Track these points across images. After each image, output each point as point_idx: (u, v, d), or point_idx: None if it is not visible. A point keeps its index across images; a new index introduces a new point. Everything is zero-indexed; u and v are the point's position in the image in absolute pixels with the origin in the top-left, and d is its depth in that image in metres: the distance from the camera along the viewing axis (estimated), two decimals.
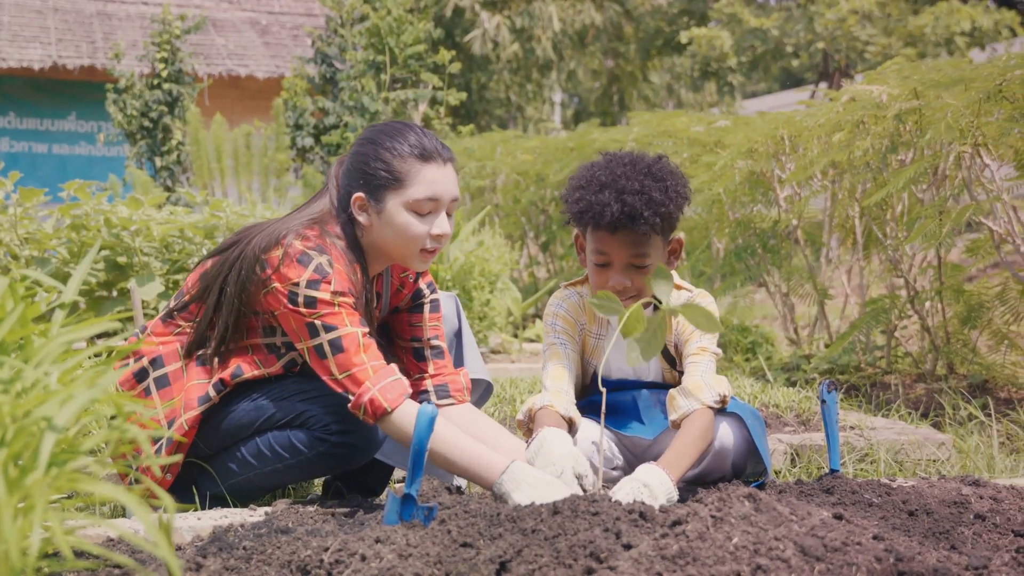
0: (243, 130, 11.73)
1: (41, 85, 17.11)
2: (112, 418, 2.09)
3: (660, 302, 2.33)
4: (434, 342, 2.98)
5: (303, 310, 2.56)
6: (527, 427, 2.88)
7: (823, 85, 19.03)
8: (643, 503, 2.13)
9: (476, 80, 19.94)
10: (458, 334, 3.22)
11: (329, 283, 2.57)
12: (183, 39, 10.78)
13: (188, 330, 2.76)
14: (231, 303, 2.67)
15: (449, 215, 2.72)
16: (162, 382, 2.72)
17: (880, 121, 4.70)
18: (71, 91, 17.27)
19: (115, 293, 5.44)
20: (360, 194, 2.68)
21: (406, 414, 2.53)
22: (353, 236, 2.72)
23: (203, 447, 2.72)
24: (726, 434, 2.84)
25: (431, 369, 2.96)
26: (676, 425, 2.74)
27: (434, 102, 8.65)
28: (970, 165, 4.42)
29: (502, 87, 20.76)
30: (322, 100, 9.60)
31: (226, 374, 2.68)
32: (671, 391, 2.80)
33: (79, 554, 2.04)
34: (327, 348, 2.56)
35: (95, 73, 16.35)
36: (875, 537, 1.98)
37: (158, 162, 10.58)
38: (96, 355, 2.82)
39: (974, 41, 17.57)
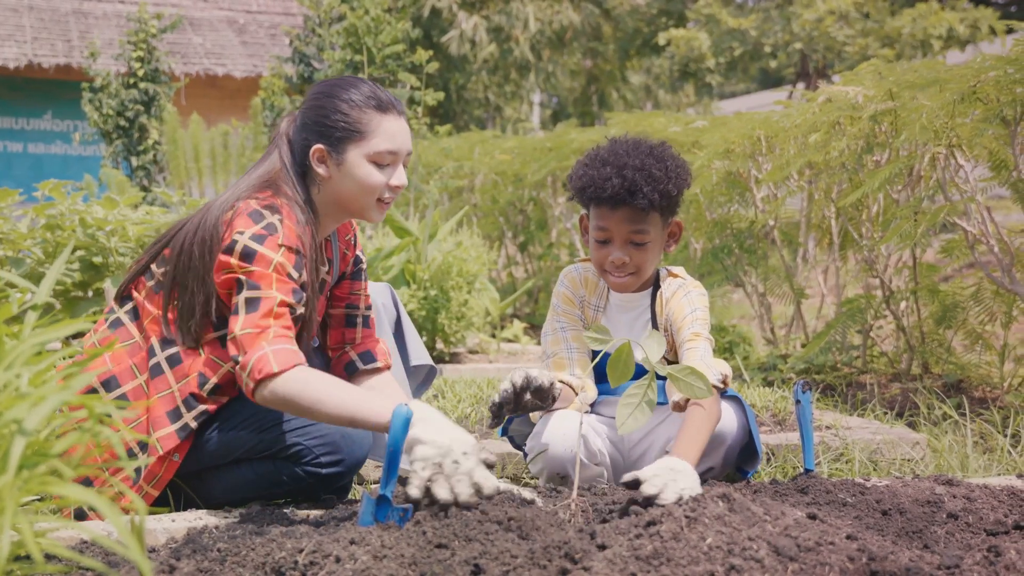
0: (220, 130, 11.69)
1: (16, 84, 17.03)
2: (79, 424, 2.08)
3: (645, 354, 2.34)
4: (365, 311, 2.99)
5: (235, 261, 2.51)
6: None
7: (801, 86, 19.11)
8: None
9: (454, 80, 19.93)
10: (398, 322, 3.24)
11: (276, 239, 2.53)
12: (159, 38, 10.75)
13: (141, 343, 2.67)
14: (194, 291, 2.60)
15: (404, 167, 2.75)
16: (122, 401, 2.64)
17: (856, 122, 4.72)
18: (46, 90, 17.20)
19: (90, 293, 5.41)
20: (320, 145, 2.67)
21: (293, 379, 2.42)
22: (306, 194, 2.71)
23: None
24: (727, 419, 2.87)
25: (358, 337, 2.95)
26: (678, 407, 2.75)
27: (412, 102, 8.64)
28: (945, 166, 4.45)
29: (480, 87, 20.76)
30: (300, 100, 9.57)
31: (193, 387, 2.61)
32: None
33: (50, 557, 2.03)
34: (241, 304, 2.50)
35: (71, 72, 16.28)
36: (848, 537, 1.99)
37: (134, 161, 10.54)
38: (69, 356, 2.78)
39: (950, 43, 17.70)
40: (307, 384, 2.43)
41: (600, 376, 3.04)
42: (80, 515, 2.62)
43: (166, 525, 2.41)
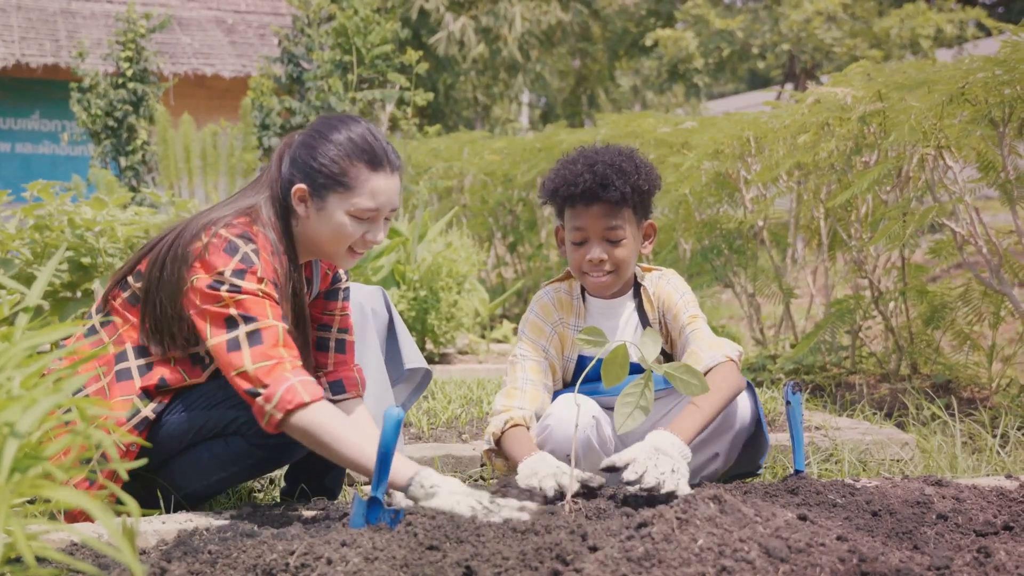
0: (210, 130, 11.66)
1: (4, 84, 16.96)
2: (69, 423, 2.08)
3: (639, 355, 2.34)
4: (340, 335, 2.94)
5: (225, 296, 2.48)
6: (495, 451, 2.89)
7: (789, 86, 19.14)
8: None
9: (443, 81, 19.91)
10: (390, 326, 3.21)
11: (255, 272, 2.51)
12: (148, 38, 10.70)
13: (111, 347, 2.66)
14: (164, 308, 2.59)
15: (387, 221, 2.71)
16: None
17: (845, 123, 4.73)
18: (34, 90, 17.12)
19: (79, 294, 5.39)
20: (302, 187, 2.63)
21: (321, 412, 2.42)
22: (287, 224, 2.68)
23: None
24: (742, 404, 2.87)
25: (330, 363, 2.91)
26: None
27: (401, 102, 8.63)
28: (933, 167, 4.46)
29: (469, 88, 20.74)
30: (289, 100, 9.55)
31: (150, 384, 2.62)
32: (690, 349, 2.85)
33: (41, 560, 2.02)
34: (243, 339, 2.46)
35: (59, 72, 16.21)
36: (839, 538, 1.99)
37: (123, 162, 10.49)
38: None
39: (938, 43, 17.75)
40: (333, 420, 2.42)
41: (591, 375, 3.02)
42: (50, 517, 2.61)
43: (156, 527, 2.41)
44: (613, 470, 2.47)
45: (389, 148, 2.68)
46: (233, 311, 2.48)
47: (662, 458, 2.41)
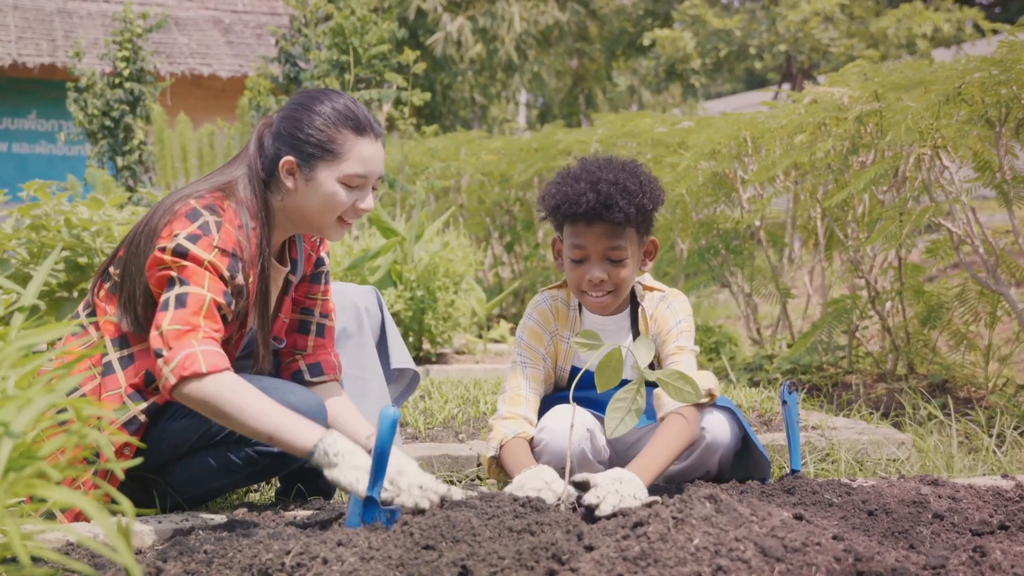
0: (206, 130, 11.65)
1: (1, 83, 16.95)
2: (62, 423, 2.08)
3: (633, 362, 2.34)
4: (321, 320, 2.93)
5: (168, 258, 2.47)
6: (498, 463, 2.88)
7: (786, 86, 19.14)
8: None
9: (440, 81, 19.91)
10: (382, 326, 3.21)
11: (211, 240, 2.49)
12: (145, 37, 10.69)
13: (97, 341, 2.65)
14: (136, 280, 2.58)
15: (374, 190, 2.71)
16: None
17: (841, 123, 4.73)
18: (31, 89, 17.13)
19: (75, 294, 5.39)
20: (290, 158, 2.63)
21: (220, 383, 2.38)
22: (264, 200, 2.67)
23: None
24: (719, 428, 2.86)
25: (309, 346, 2.90)
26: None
27: (398, 102, 8.62)
28: (930, 167, 4.47)
29: (467, 87, 20.74)
30: (286, 100, 9.54)
31: (137, 380, 2.60)
32: (656, 390, 2.82)
33: (37, 560, 2.02)
34: (172, 300, 2.44)
35: (56, 71, 16.22)
36: (835, 537, 1.99)
37: (120, 162, 10.48)
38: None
39: (935, 43, 17.77)
40: (233, 391, 2.39)
41: (584, 382, 3.01)
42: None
43: (153, 526, 2.41)
44: (584, 487, 2.46)
45: (371, 116, 2.68)
46: (173, 273, 2.48)
47: (624, 484, 2.41)
